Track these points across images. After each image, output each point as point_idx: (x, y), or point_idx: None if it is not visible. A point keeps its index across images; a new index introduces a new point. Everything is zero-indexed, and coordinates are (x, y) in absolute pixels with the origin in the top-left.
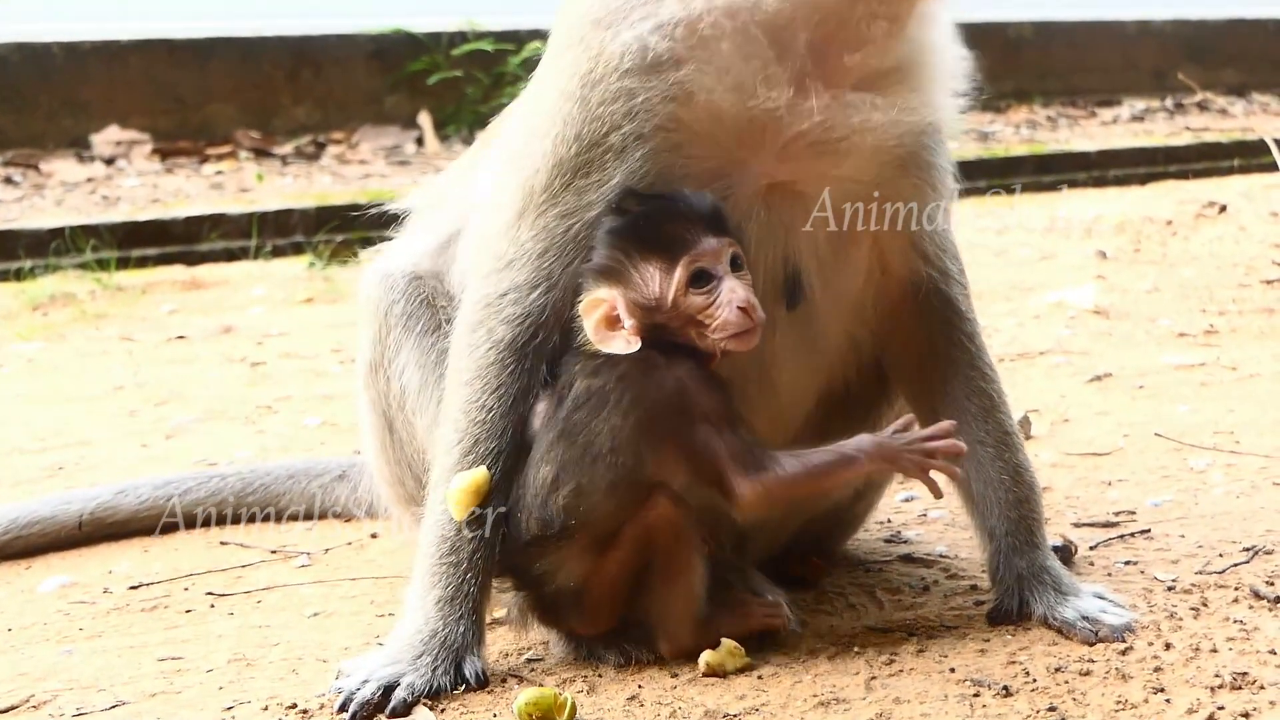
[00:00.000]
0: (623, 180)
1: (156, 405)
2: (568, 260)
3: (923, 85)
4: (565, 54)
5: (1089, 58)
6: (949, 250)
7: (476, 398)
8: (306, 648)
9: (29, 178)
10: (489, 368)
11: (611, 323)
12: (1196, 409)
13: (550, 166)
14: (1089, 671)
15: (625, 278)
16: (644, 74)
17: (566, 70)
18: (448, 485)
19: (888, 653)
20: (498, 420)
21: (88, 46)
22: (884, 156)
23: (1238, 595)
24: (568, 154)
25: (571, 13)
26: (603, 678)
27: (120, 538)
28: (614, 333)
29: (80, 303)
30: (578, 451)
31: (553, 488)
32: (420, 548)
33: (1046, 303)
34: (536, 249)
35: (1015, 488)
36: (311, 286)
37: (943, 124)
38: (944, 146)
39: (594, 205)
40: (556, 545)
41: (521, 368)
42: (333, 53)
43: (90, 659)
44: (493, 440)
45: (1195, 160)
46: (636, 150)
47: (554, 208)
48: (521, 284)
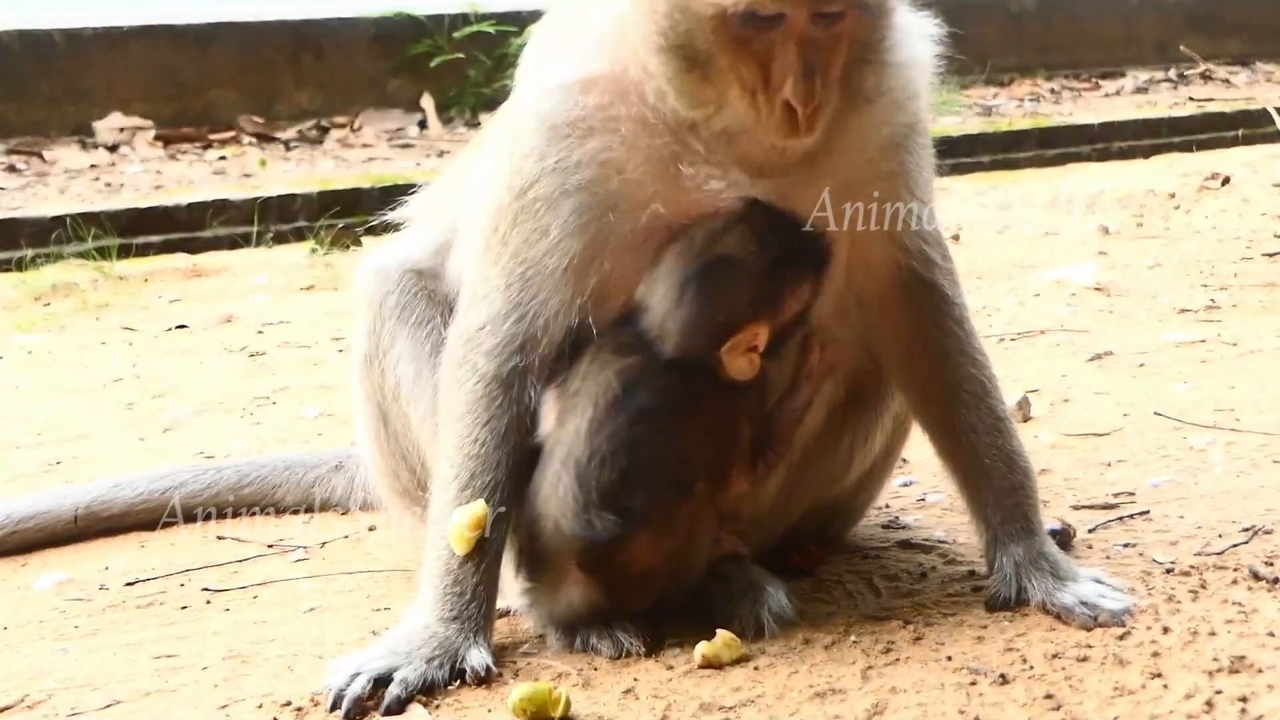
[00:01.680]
0: (559, 233)
1: (154, 397)
2: (533, 292)
3: (876, 102)
4: (515, 91)
5: (1091, 30)
6: (930, 237)
7: (469, 432)
8: (302, 644)
9: (32, 165)
10: (477, 402)
11: (747, 351)
12: (1197, 386)
13: (495, 210)
14: (1086, 657)
15: (776, 304)
16: (551, 139)
17: (509, 111)
18: (448, 520)
19: (884, 641)
20: (491, 453)
21: (89, 33)
22: (849, 172)
23: (1236, 577)
24: (506, 201)
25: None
26: (597, 671)
27: (117, 532)
28: (745, 358)
29: (82, 292)
30: (647, 462)
31: (626, 489)
32: (423, 577)
33: (1047, 280)
34: (502, 283)
35: (1009, 474)
36: (313, 273)
37: (914, 123)
38: (920, 143)
39: (547, 255)
40: (634, 535)
41: (508, 398)
42: (334, 36)
43: (85, 657)
44: (489, 473)
45: (1199, 131)
46: (564, 204)
47: (507, 248)
48: (496, 315)
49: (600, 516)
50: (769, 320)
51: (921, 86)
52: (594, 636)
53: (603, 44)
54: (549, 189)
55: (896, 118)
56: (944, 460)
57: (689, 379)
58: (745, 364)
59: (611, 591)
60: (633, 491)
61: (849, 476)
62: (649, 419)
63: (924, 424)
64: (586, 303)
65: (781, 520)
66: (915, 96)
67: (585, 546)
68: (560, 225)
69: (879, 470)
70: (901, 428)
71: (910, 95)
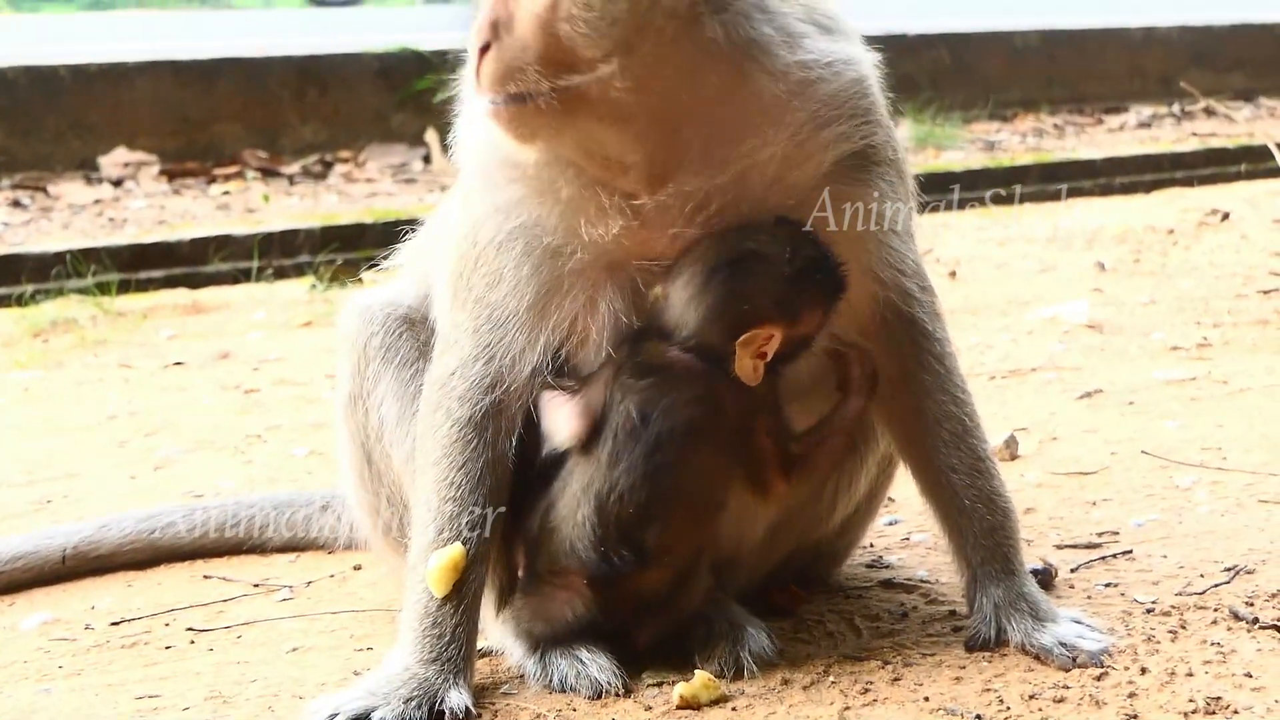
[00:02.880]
0: (514, 275)
1: (147, 435)
2: (500, 335)
3: (789, 113)
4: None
5: (1095, 65)
6: (907, 270)
7: (445, 476)
8: (283, 684)
9: (37, 200)
10: (452, 445)
11: (757, 353)
12: (1186, 425)
13: (458, 256)
14: (1063, 698)
15: (795, 313)
16: (487, 180)
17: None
18: (425, 564)
19: (863, 682)
20: (468, 495)
21: (95, 69)
22: (794, 194)
23: (1217, 617)
24: (465, 248)
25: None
26: (576, 712)
27: (104, 572)
28: (753, 360)
29: (81, 329)
30: (663, 494)
31: (643, 524)
32: (403, 619)
33: (1041, 318)
34: (470, 328)
35: (989, 515)
36: (311, 309)
37: (863, 138)
38: (881, 163)
39: (507, 297)
40: (647, 570)
41: (482, 440)
42: (339, 71)
43: (68, 697)
44: (465, 514)
45: (1202, 166)
46: (512, 246)
47: (470, 293)
48: (465, 359)
49: (616, 550)
50: (784, 326)
51: (868, 103)
52: (566, 666)
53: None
54: (495, 231)
55: (836, 111)
56: (926, 498)
57: (703, 396)
58: (751, 367)
59: (611, 613)
60: (649, 525)
61: (833, 519)
62: (666, 446)
63: (906, 461)
64: (551, 340)
65: (765, 561)
66: (859, 113)
67: (595, 575)
68: (514, 268)
69: (863, 513)
70: (887, 470)
71: (849, 108)
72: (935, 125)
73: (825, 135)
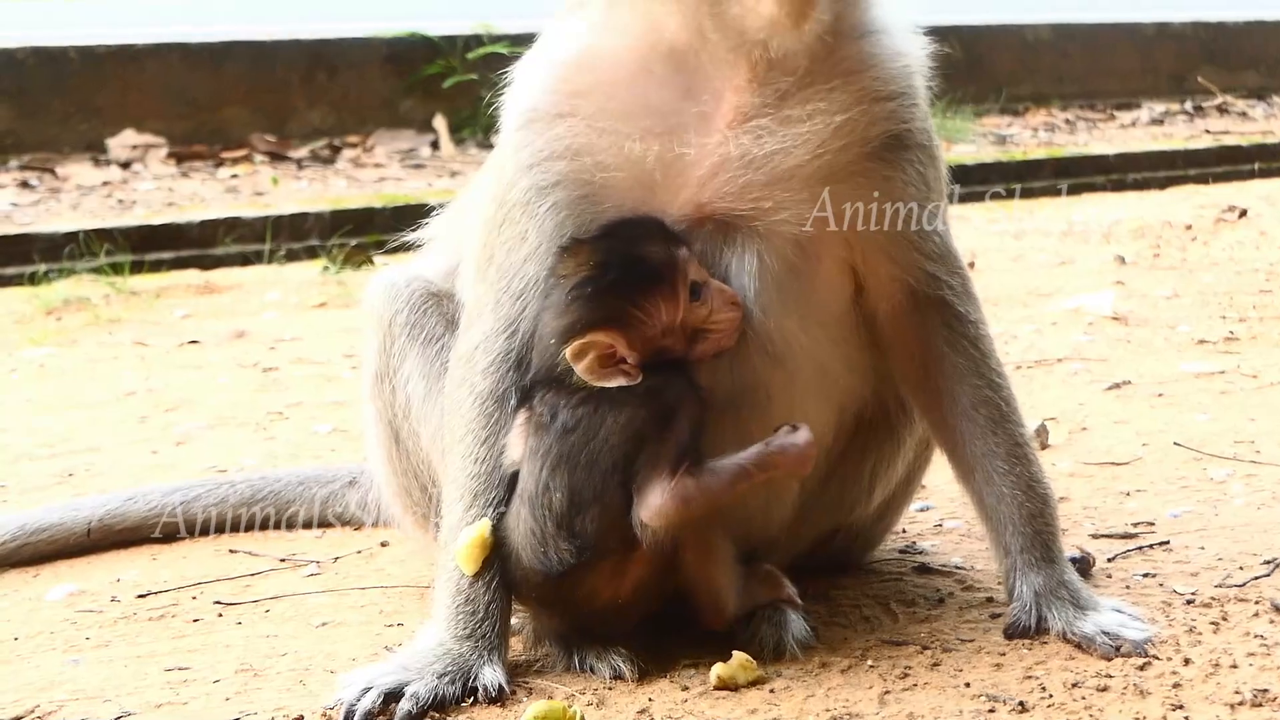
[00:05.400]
0: (537, 237)
1: (167, 411)
2: (522, 307)
3: (851, 82)
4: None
5: (1107, 60)
6: (934, 252)
7: (470, 452)
8: (314, 658)
9: (45, 181)
10: (475, 420)
11: (606, 360)
12: (1216, 418)
13: (483, 223)
14: (1106, 687)
15: (626, 319)
16: (527, 129)
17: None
18: (455, 542)
19: (901, 666)
20: (493, 471)
21: (103, 51)
22: (830, 172)
23: (1258, 609)
24: (491, 212)
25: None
26: (612, 690)
27: (129, 545)
28: (610, 369)
29: (94, 307)
30: (582, 474)
31: (573, 512)
32: (436, 597)
33: (1064, 309)
34: (491, 300)
35: (1029, 502)
36: (325, 291)
37: (903, 121)
38: (921, 151)
39: (527, 261)
40: (593, 565)
41: (504, 413)
42: (347, 56)
43: (96, 669)
44: (491, 490)
45: (1215, 164)
46: (540, 204)
47: (493, 264)
48: (488, 333)
49: (556, 547)
50: (613, 331)
51: (914, 86)
52: (591, 657)
53: (576, 33)
54: (525, 189)
55: (890, 88)
56: (962, 484)
57: (625, 392)
58: (594, 368)
59: (577, 623)
60: (583, 510)
61: (871, 502)
62: (574, 429)
63: (942, 447)
64: None
65: (798, 540)
66: (907, 95)
67: (544, 580)
68: (538, 228)
69: (900, 496)
70: (924, 453)
71: (899, 88)
72: (946, 118)
73: (876, 110)
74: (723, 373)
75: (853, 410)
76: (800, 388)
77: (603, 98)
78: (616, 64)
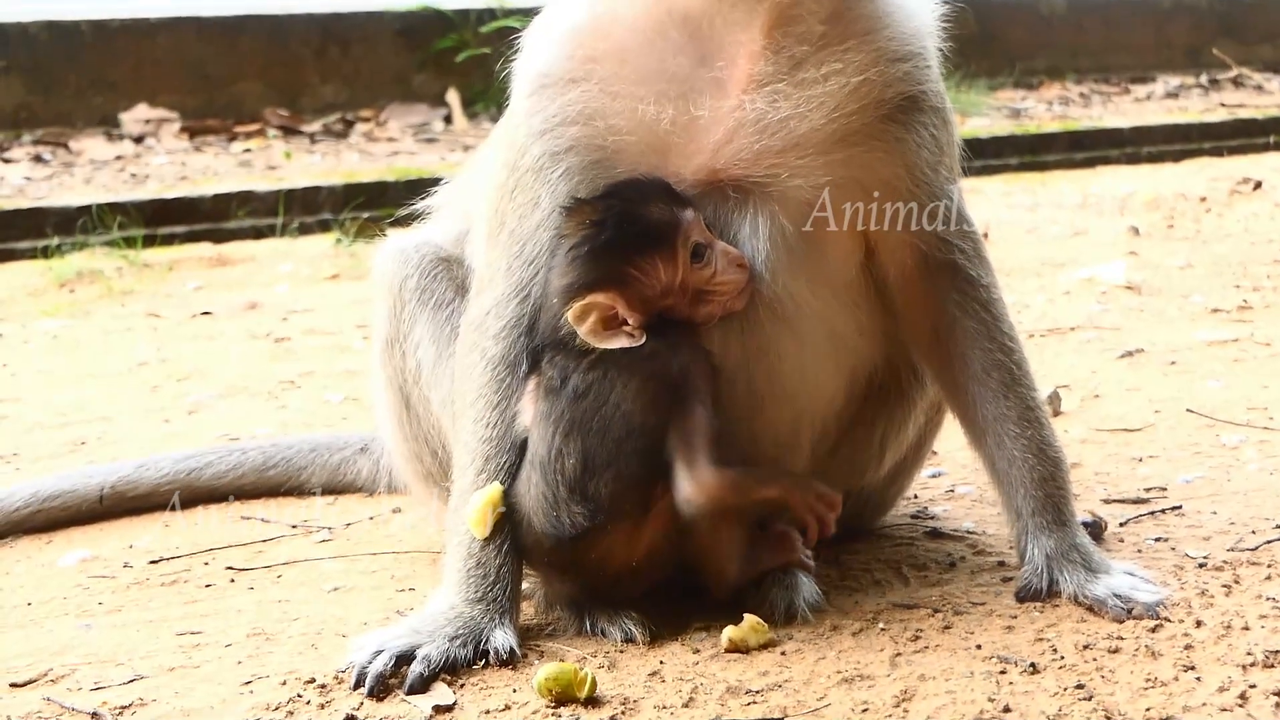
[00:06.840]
0: (550, 202)
1: (179, 381)
2: (534, 272)
3: (866, 44)
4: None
5: (1122, 34)
6: (950, 215)
7: (481, 416)
8: (326, 622)
9: (58, 156)
10: (487, 385)
11: (608, 322)
12: (1229, 385)
13: (494, 189)
14: (1118, 649)
15: (625, 279)
16: (539, 95)
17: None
18: (466, 506)
19: (913, 629)
20: (504, 435)
21: (116, 25)
22: (842, 138)
23: (1270, 573)
24: (503, 179)
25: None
26: (624, 653)
27: (141, 512)
28: (612, 330)
29: (107, 280)
30: (595, 440)
31: (587, 477)
32: (447, 561)
33: (1077, 279)
34: (503, 265)
35: (1040, 465)
36: (337, 263)
37: (918, 83)
38: (927, 110)
39: (539, 227)
40: (606, 530)
41: (515, 378)
42: (361, 30)
43: (109, 633)
44: (502, 455)
45: (1230, 137)
46: (553, 170)
47: (504, 228)
48: (500, 298)
49: (569, 511)
50: (613, 291)
51: (927, 48)
52: (603, 620)
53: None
54: (537, 155)
55: (905, 48)
56: (974, 448)
57: (637, 355)
58: (597, 329)
59: (589, 588)
60: (596, 474)
61: (882, 466)
62: (585, 394)
63: (954, 410)
64: None
65: None
66: (921, 55)
67: (555, 544)
68: (550, 193)
69: (911, 461)
70: (935, 418)
71: (913, 49)
72: (960, 92)
73: (892, 72)
74: (733, 336)
75: (864, 374)
76: (811, 351)
77: (616, 63)
78: (631, 29)
